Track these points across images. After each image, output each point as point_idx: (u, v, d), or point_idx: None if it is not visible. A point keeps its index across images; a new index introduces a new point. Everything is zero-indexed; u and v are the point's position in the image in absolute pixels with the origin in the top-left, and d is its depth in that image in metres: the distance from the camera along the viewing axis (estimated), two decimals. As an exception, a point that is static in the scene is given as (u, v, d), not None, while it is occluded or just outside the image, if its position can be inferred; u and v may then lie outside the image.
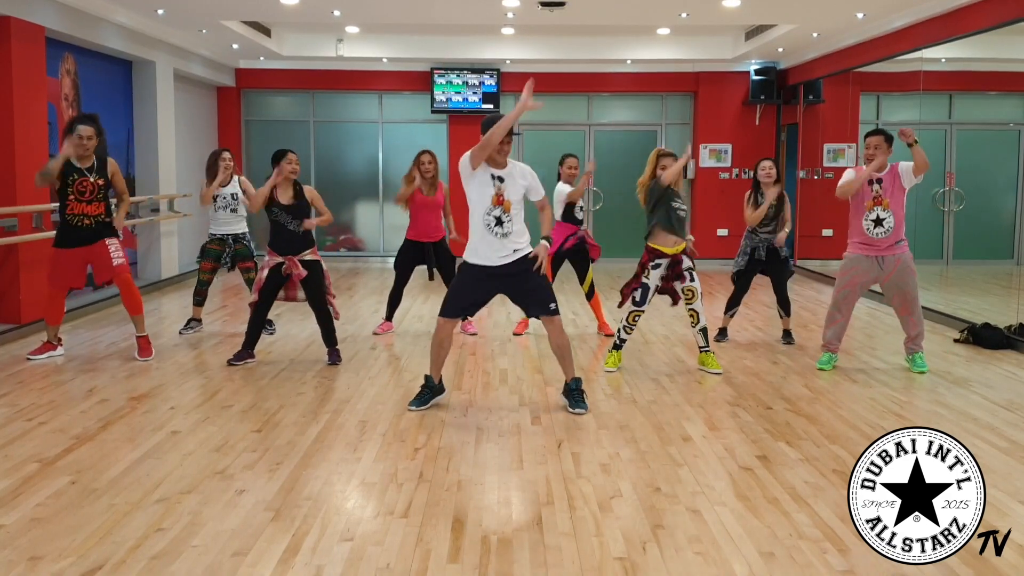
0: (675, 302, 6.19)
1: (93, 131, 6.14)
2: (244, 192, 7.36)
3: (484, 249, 5.00)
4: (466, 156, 4.94)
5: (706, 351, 6.16)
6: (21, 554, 3.17)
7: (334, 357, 6.36)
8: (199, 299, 7.42)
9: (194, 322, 7.47)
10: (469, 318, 7.33)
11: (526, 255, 5.05)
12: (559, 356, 5.23)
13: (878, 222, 5.95)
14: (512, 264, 5.02)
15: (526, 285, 5.10)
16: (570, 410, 5.10)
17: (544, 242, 5.09)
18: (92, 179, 6.18)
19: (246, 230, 7.49)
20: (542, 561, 3.15)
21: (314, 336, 6.89)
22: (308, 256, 6.21)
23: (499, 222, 4.96)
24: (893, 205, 5.93)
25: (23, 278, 7.48)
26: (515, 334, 7.47)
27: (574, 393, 5.18)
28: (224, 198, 7.36)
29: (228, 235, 7.38)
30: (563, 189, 7.13)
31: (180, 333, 7.37)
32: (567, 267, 7.46)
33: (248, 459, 4.24)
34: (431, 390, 5.23)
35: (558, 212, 7.17)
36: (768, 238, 7.11)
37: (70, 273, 6.28)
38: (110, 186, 6.33)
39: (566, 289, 9.85)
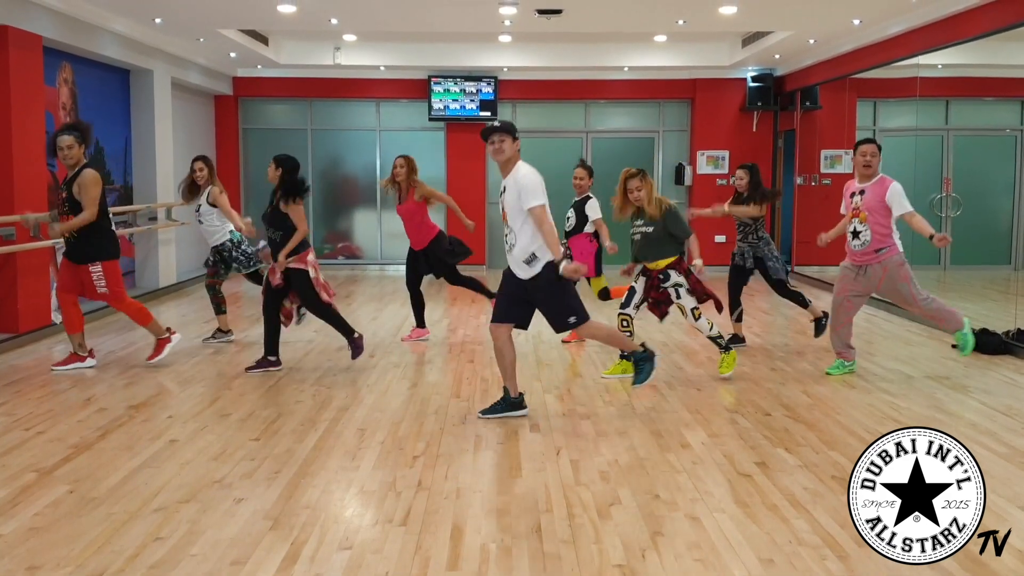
0: (661, 319, 6.14)
1: (72, 140, 5.99)
2: (217, 205, 7.07)
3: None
4: None
5: (727, 350, 6.10)
6: (19, 563, 3.17)
7: (355, 350, 6.29)
8: (215, 307, 7.28)
9: (220, 333, 7.33)
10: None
11: (539, 273, 4.86)
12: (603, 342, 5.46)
13: (855, 234, 5.94)
14: (528, 281, 4.93)
15: (540, 304, 5.00)
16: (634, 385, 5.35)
17: (566, 261, 4.76)
18: (64, 192, 6.06)
19: (223, 239, 7.17)
20: (541, 569, 3.15)
21: (313, 343, 6.89)
22: (291, 264, 6.13)
23: (505, 235, 4.97)
24: (871, 220, 5.83)
25: (20, 287, 7.46)
26: (564, 342, 7.32)
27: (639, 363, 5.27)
28: (195, 211, 7.22)
29: (212, 247, 7.27)
30: (594, 205, 7.01)
31: (204, 341, 7.28)
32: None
33: (246, 467, 4.23)
34: (505, 403, 5.11)
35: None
36: (744, 248, 7.13)
37: (68, 280, 6.27)
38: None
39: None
